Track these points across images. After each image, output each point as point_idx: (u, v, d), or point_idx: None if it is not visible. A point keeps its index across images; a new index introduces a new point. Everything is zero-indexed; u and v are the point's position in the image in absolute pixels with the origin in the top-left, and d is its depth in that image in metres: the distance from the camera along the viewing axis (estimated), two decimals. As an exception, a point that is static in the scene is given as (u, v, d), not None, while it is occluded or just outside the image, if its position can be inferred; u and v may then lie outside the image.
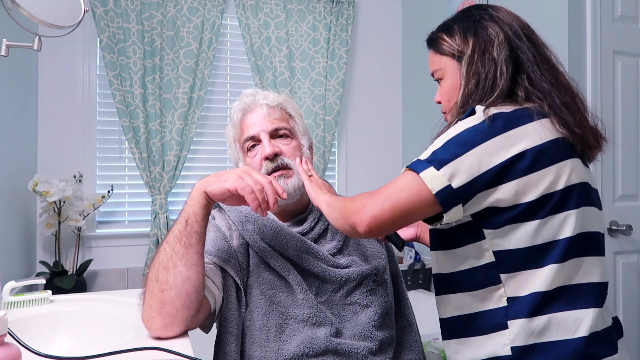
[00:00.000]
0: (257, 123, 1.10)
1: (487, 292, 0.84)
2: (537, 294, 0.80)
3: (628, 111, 1.86)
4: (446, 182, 0.77)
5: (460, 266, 0.87)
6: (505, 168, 0.78)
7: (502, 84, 0.86)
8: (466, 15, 0.94)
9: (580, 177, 0.84)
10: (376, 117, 2.82)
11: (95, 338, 1.00)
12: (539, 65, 0.88)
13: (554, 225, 0.81)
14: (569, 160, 0.82)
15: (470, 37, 0.90)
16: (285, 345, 0.95)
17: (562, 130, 0.83)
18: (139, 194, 2.40)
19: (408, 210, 0.80)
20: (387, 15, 2.86)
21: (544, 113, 0.84)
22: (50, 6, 1.08)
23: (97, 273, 2.30)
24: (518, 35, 0.89)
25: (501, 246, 0.82)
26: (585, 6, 1.79)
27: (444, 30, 0.95)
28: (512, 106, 0.84)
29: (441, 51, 0.94)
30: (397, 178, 0.83)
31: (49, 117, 2.26)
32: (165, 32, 2.33)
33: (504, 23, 0.90)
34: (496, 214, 0.81)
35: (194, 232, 0.88)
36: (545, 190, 0.79)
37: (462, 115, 0.86)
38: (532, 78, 0.87)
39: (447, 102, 0.95)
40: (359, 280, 1.05)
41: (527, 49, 0.88)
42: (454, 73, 0.92)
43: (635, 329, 1.83)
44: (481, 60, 0.88)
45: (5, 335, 0.63)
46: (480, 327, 0.85)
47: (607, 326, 0.85)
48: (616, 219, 1.81)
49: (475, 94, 0.87)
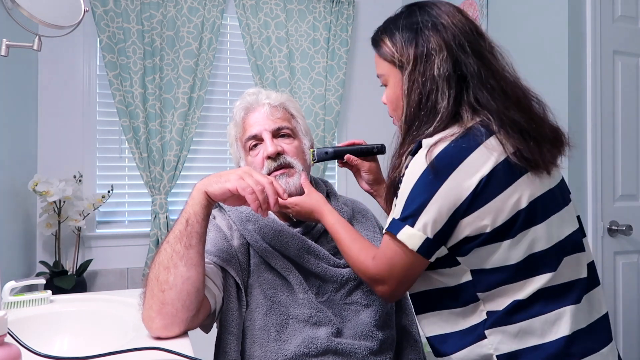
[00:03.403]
0: (259, 122, 1.10)
1: (467, 309, 0.85)
2: (516, 301, 0.80)
3: (628, 111, 1.86)
4: (423, 236, 0.79)
5: (440, 285, 0.87)
6: (468, 201, 0.78)
7: (444, 107, 0.82)
8: (409, 19, 0.89)
9: (542, 188, 0.82)
10: (376, 117, 2.82)
11: (95, 338, 1.00)
12: (485, 81, 0.82)
13: (527, 240, 0.80)
14: (524, 177, 0.80)
15: (410, 48, 0.85)
16: (285, 345, 0.95)
17: (510, 148, 0.79)
18: (139, 194, 2.40)
19: (411, 275, 0.85)
20: (387, 15, 2.84)
21: (491, 130, 0.80)
22: (50, 6, 1.08)
23: (97, 273, 2.30)
24: (462, 47, 0.83)
25: (477, 266, 0.82)
26: (585, 6, 1.79)
27: (386, 32, 0.91)
28: (453, 135, 0.80)
29: (383, 56, 0.91)
30: (385, 245, 0.85)
31: (49, 117, 2.26)
32: (165, 32, 2.33)
33: (448, 32, 0.84)
34: (464, 243, 0.81)
35: (194, 232, 0.88)
36: (509, 212, 0.79)
37: (407, 148, 0.85)
38: (478, 97, 0.82)
39: (393, 111, 0.95)
40: (359, 280, 1.05)
41: (472, 62, 0.83)
42: (396, 83, 0.89)
43: (635, 328, 1.83)
44: (422, 78, 0.83)
45: (5, 335, 0.63)
46: (463, 341, 0.85)
47: (593, 321, 0.84)
48: (616, 219, 1.81)
49: (419, 115, 0.85)
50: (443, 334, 0.88)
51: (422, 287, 0.90)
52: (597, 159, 1.78)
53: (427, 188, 0.79)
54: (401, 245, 0.81)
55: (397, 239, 0.81)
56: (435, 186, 0.78)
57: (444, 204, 0.78)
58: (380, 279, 0.86)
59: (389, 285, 0.85)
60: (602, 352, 0.82)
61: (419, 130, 0.85)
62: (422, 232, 0.79)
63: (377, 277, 0.86)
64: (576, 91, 1.77)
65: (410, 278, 0.85)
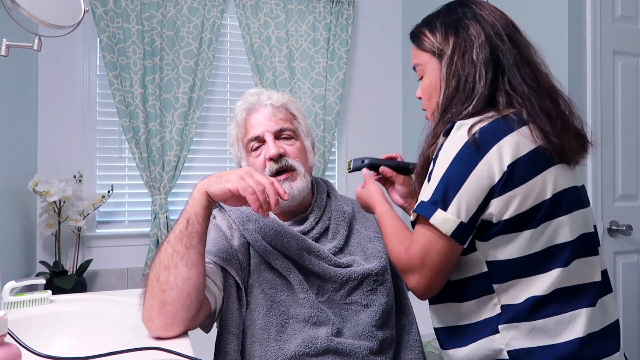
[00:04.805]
0: (261, 123, 1.10)
1: (481, 301, 0.85)
2: (533, 298, 0.80)
3: (628, 111, 1.86)
4: (457, 220, 0.79)
5: (454, 277, 0.87)
6: (497, 184, 0.79)
7: (481, 88, 0.85)
8: (449, 12, 0.92)
9: (567, 182, 0.84)
10: (376, 117, 2.82)
11: (95, 338, 1.00)
12: (520, 67, 0.86)
13: (549, 232, 0.81)
14: (552, 168, 0.82)
15: (451, 36, 0.89)
16: (286, 344, 0.95)
17: (540, 139, 0.82)
18: (139, 194, 2.39)
19: (445, 264, 0.83)
20: (387, 15, 2.86)
21: (524, 120, 0.83)
22: (50, 6, 1.08)
23: (97, 273, 2.30)
24: (500, 36, 0.87)
25: (493, 257, 0.82)
26: (585, 6, 1.79)
27: (427, 25, 0.94)
28: (491, 116, 0.83)
29: (422, 47, 0.94)
30: (417, 232, 0.84)
31: (49, 117, 2.25)
32: (165, 32, 2.33)
33: (487, 22, 0.88)
34: (486, 228, 0.81)
35: (195, 232, 0.88)
36: (534, 201, 0.80)
37: (443, 127, 0.86)
38: (512, 82, 0.85)
39: (428, 100, 0.95)
40: (359, 280, 1.05)
41: (509, 50, 0.86)
42: (434, 72, 0.91)
43: (635, 329, 1.83)
44: (461, 61, 0.87)
45: (5, 335, 0.63)
46: (475, 335, 0.85)
47: (606, 325, 0.84)
48: (616, 219, 1.81)
49: (456, 98, 0.87)
50: (455, 325, 0.88)
51: None
52: (597, 159, 1.78)
53: (465, 164, 0.79)
54: (434, 230, 0.80)
55: (429, 223, 0.80)
56: (473, 163, 0.79)
57: (478, 185, 0.79)
58: (412, 267, 0.83)
59: (423, 276, 0.83)
60: (614, 357, 0.82)
61: (456, 109, 0.86)
62: (456, 215, 0.79)
63: (409, 266, 0.84)
64: (576, 91, 1.77)
65: (446, 266, 0.83)
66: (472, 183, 0.79)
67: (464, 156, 0.80)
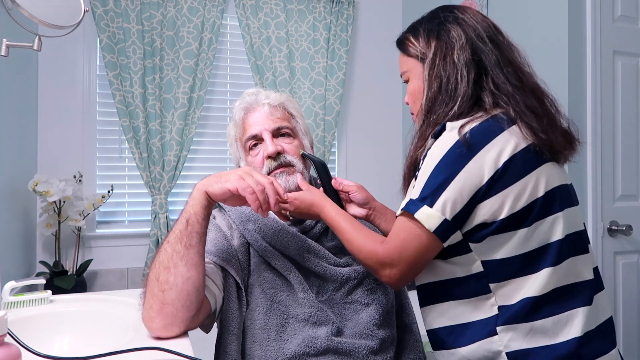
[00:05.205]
0: (259, 122, 1.10)
1: (478, 300, 0.85)
2: (530, 299, 0.81)
3: (628, 111, 1.86)
4: (441, 217, 0.79)
5: (450, 275, 0.87)
6: (488, 184, 0.79)
7: (464, 88, 0.86)
8: (432, 17, 0.95)
9: (558, 180, 0.85)
10: (376, 117, 2.82)
11: (95, 338, 1.00)
12: (503, 67, 0.87)
13: (542, 230, 0.81)
14: (543, 166, 0.83)
15: (433, 40, 0.91)
16: (286, 344, 0.95)
17: (529, 136, 0.82)
18: (139, 194, 2.40)
19: (422, 259, 0.84)
20: (387, 15, 2.86)
21: (513, 119, 0.84)
22: (50, 6, 1.08)
23: (97, 273, 2.30)
24: (481, 38, 0.89)
25: (489, 256, 0.83)
26: (585, 6, 1.79)
27: (411, 31, 0.96)
28: (480, 116, 0.84)
29: (408, 53, 0.95)
30: (399, 226, 0.84)
31: (49, 117, 2.26)
32: (165, 32, 2.33)
33: (468, 25, 0.90)
34: (479, 229, 0.82)
35: (194, 232, 0.88)
36: (527, 200, 0.80)
37: (429, 129, 0.87)
38: (496, 81, 0.87)
39: (413, 104, 0.97)
40: (359, 279, 1.05)
41: (490, 51, 0.88)
42: (418, 76, 0.93)
43: (635, 329, 1.83)
44: (442, 63, 0.88)
45: (5, 335, 0.63)
46: (473, 335, 0.85)
47: (601, 322, 0.85)
48: (616, 219, 1.81)
49: (439, 99, 0.88)
50: (451, 325, 0.88)
51: (430, 278, 0.90)
52: (597, 159, 1.78)
53: (453, 163, 0.80)
54: (418, 225, 0.81)
55: (414, 218, 0.81)
56: (462, 162, 0.79)
57: (465, 184, 0.79)
58: (389, 261, 0.84)
59: (398, 269, 0.83)
60: (611, 354, 0.83)
61: (441, 110, 0.87)
62: (441, 212, 0.79)
63: (386, 259, 0.84)
64: (576, 91, 1.77)
65: (421, 262, 0.84)
66: (460, 182, 0.79)
67: (454, 155, 0.80)
